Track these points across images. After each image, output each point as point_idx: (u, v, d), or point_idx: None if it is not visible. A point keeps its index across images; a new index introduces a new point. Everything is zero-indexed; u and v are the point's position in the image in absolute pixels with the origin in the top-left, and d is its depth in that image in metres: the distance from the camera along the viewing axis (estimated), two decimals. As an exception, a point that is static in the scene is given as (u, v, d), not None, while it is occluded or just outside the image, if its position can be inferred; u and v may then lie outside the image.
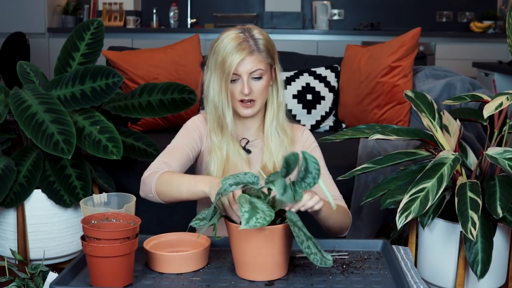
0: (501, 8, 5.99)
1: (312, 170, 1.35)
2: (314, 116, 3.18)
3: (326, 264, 1.34)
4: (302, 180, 1.37)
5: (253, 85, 1.74)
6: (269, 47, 1.75)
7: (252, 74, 1.73)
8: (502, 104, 1.85)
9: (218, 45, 1.73)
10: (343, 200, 1.82)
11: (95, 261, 1.36)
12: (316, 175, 1.35)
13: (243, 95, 1.74)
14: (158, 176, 1.63)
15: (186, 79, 3.10)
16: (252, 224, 1.29)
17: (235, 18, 5.85)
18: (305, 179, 1.36)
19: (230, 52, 1.70)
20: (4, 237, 2.34)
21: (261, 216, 1.31)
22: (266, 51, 1.74)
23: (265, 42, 1.74)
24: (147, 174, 1.67)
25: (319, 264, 1.33)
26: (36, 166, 2.27)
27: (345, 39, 5.51)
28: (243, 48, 1.70)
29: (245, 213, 1.31)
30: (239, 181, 1.40)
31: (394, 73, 2.94)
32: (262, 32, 1.76)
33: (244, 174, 1.42)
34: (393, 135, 2.01)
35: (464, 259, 1.89)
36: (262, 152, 1.83)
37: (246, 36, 1.72)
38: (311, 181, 1.36)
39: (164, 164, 1.69)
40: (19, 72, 2.38)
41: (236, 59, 1.70)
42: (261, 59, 1.73)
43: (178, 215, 2.63)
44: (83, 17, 5.86)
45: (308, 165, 1.35)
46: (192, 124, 1.84)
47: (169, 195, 1.62)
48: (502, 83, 4.25)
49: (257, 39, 1.73)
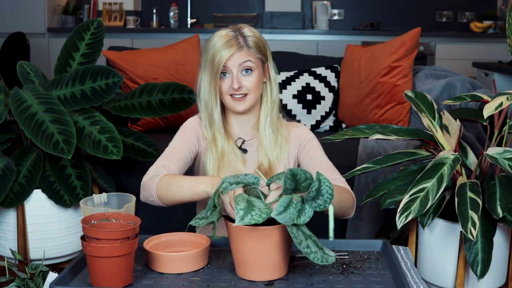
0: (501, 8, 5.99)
1: (325, 193, 1.34)
2: (314, 116, 3.18)
3: (328, 261, 1.32)
4: (313, 200, 1.36)
5: (243, 79, 1.75)
6: (259, 43, 1.77)
7: (241, 66, 1.74)
8: (502, 104, 1.85)
9: (209, 44, 1.76)
10: (344, 181, 1.77)
11: (95, 261, 1.36)
12: (327, 199, 1.34)
13: (233, 90, 1.75)
14: (158, 180, 1.62)
15: (186, 79, 3.10)
16: (247, 221, 1.29)
17: (235, 18, 5.85)
18: (316, 200, 1.36)
19: (219, 49, 1.72)
20: (4, 237, 2.34)
21: (256, 213, 1.31)
22: (256, 47, 1.76)
23: (255, 39, 1.76)
24: (146, 178, 1.66)
25: (319, 263, 1.31)
26: (36, 166, 2.27)
27: (345, 39, 5.51)
28: (231, 45, 1.72)
29: (240, 211, 1.31)
30: (240, 181, 1.41)
31: (394, 73, 2.94)
32: (252, 30, 1.78)
33: (245, 175, 1.42)
34: (393, 135, 2.01)
35: (464, 259, 1.89)
36: (258, 152, 1.84)
37: (235, 34, 1.75)
38: (322, 204, 1.35)
39: (163, 167, 1.69)
40: (19, 72, 2.38)
41: (225, 55, 1.72)
42: (250, 54, 1.75)
43: (178, 215, 2.63)
44: (83, 17, 5.86)
45: (321, 187, 1.34)
46: (189, 126, 1.85)
47: (171, 198, 1.62)
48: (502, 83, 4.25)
49: (246, 36, 1.75)
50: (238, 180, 1.41)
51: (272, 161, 1.81)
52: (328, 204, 1.34)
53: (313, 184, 1.34)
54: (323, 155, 1.83)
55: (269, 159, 1.81)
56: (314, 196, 1.35)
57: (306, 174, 1.34)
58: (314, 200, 1.35)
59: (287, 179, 1.33)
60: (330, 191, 1.33)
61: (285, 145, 1.83)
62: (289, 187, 1.35)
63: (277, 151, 1.82)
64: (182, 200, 1.61)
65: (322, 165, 1.79)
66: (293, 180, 1.34)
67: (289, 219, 1.31)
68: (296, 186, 1.35)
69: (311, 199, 1.36)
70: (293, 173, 1.33)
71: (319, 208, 1.35)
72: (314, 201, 1.36)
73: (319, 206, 1.35)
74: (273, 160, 1.81)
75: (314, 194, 1.35)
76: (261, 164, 1.81)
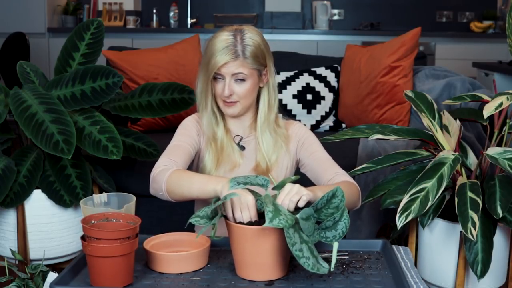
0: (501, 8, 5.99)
1: (339, 228, 1.38)
2: (314, 116, 3.18)
3: (319, 270, 1.31)
4: (325, 230, 1.39)
5: (235, 87, 1.76)
6: (257, 53, 1.75)
7: (234, 75, 1.74)
8: (502, 104, 1.85)
9: (209, 44, 1.76)
10: (345, 173, 1.78)
11: (95, 261, 1.36)
12: (338, 235, 1.38)
13: (224, 96, 1.76)
14: (168, 175, 1.63)
15: (186, 79, 3.10)
16: (275, 224, 1.31)
17: (235, 18, 5.84)
18: (328, 231, 1.39)
19: (215, 54, 1.72)
20: (4, 237, 2.34)
21: (283, 218, 1.33)
22: (253, 58, 1.74)
23: (254, 49, 1.74)
24: (156, 172, 1.67)
25: (309, 269, 1.31)
26: (36, 166, 2.27)
27: (345, 39, 5.51)
28: (227, 52, 1.71)
29: (269, 213, 1.32)
30: (249, 182, 1.43)
31: (394, 73, 2.94)
32: (254, 37, 1.75)
33: (256, 177, 1.45)
34: (393, 135, 2.01)
35: (464, 259, 1.89)
36: (255, 150, 1.85)
37: (235, 41, 1.73)
38: (330, 238, 1.39)
39: (171, 161, 1.70)
40: (19, 72, 2.38)
41: (219, 62, 1.72)
42: (245, 64, 1.74)
43: (178, 215, 2.62)
44: (83, 17, 5.86)
45: (340, 221, 1.38)
46: (188, 123, 1.86)
47: (180, 194, 1.62)
48: (502, 83, 4.25)
49: (245, 45, 1.73)
50: (247, 180, 1.43)
51: (269, 164, 1.83)
52: (338, 239, 1.38)
53: (336, 215, 1.38)
54: (323, 150, 1.85)
55: (266, 162, 1.83)
56: (330, 227, 1.39)
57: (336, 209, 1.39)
58: (326, 230, 1.39)
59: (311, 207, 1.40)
60: (345, 230, 1.37)
61: (285, 145, 1.84)
62: (318, 205, 1.40)
63: (276, 154, 1.83)
64: (190, 196, 1.62)
65: (322, 160, 1.81)
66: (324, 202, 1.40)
67: (308, 229, 1.36)
68: (321, 208, 1.40)
69: (324, 227, 1.39)
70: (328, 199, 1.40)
71: (325, 240, 1.39)
72: (325, 231, 1.39)
73: (327, 239, 1.39)
74: (272, 163, 1.83)
75: (330, 224, 1.39)
76: (258, 164, 1.82)
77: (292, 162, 1.87)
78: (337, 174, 1.75)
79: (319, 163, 1.80)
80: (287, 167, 1.85)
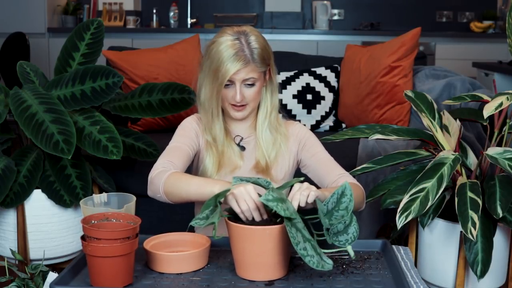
0: (501, 8, 5.98)
1: (351, 232, 1.38)
2: (314, 116, 3.18)
3: (323, 267, 1.32)
4: (336, 234, 1.39)
5: (245, 91, 1.76)
6: (264, 55, 1.75)
7: (244, 81, 1.74)
8: (502, 104, 1.85)
9: (213, 50, 1.73)
10: (349, 175, 1.79)
11: (95, 261, 1.36)
12: (350, 239, 1.38)
13: (234, 101, 1.76)
14: (166, 177, 1.63)
15: (186, 79, 3.10)
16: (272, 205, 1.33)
17: (235, 18, 5.84)
18: (339, 235, 1.39)
19: (225, 62, 1.70)
20: (4, 237, 2.34)
21: (282, 206, 1.35)
22: (261, 60, 1.74)
23: (261, 52, 1.74)
24: (154, 174, 1.66)
25: (314, 267, 1.31)
26: (36, 166, 2.27)
27: (345, 39, 5.51)
28: (238, 59, 1.70)
29: (271, 195, 1.35)
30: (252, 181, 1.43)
31: (394, 73, 2.94)
32: (258, 39, 1.75)
33: (258, 178, 1.46)
34: (393, 135, 2.01)
35: (464, 259, 1.89)
36: (255, 150, 1.85)
37: (242, 45, 1.71)
38: (343, 242, 1.39)
39: (169, 163, 1.69)
40: (19, 72, 2.38)
41: (231, 70, 1.70)
42: (255, 68, 1.73)
43: (178, 215, 2.63)
44: (83, 17, 5.86)
45: (350, 224, 1.38)
46: (188, 124, 1.86)
47: (178, 196, 1.62)
48: (502, 83, 4.25)
49: (253, 49, 1.72)
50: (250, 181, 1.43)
51: (269, 161, 1.83)
52: (349, 244, 1.38)
53: (346, 218, 1.38)
54: (324, 151, 1.85)
55: (266, 159, 1.83)
56: (341, 230, 1.39)
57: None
58: (338, 234, 1.39)
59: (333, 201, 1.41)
60: (356, 235, 1.38)
61: (284, 145, 1.84)
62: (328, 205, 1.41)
63: (275, 152, 1.83)
64: (188, 198, 1.61)
65: (325, 161, 1.81)
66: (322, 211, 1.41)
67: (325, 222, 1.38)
68: (332, 210, 1.41)
69: (336, 231, 1.39)
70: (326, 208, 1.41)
71: (338, 244, 1.39)
72: (337, 235, 1.39)
73: (339, 242, 1.39)
74: (271, 160, 1.83)
75: (342, 228, 1.39)
76: (258, 162, 1.82)
77: (293, 162, 1.87)
78: (341, 176, 1.76)
79: (321, 164, 1.81)
80: (287, 166, 1.85)
